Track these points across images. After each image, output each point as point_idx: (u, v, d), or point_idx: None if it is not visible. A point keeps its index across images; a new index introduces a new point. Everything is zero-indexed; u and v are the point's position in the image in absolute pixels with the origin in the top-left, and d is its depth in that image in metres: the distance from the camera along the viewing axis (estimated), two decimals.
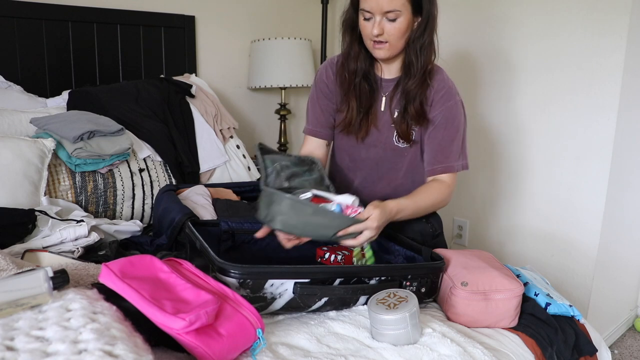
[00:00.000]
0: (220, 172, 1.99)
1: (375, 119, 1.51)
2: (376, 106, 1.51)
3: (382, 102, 1.50)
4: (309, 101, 1.59)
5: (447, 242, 1.68)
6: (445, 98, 1.44)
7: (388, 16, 1.33)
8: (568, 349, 1.12)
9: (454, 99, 1.46)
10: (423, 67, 1.41)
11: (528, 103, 2.13)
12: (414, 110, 1.42)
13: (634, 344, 2.25)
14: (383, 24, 1.35)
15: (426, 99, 1.43)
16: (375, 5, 1.33)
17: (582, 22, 1.92)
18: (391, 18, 1.34)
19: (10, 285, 0.77)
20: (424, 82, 1.43)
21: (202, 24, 2.40)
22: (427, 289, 1.12)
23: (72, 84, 2.06)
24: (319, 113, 1.56)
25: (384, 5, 1.32)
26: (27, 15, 1.92)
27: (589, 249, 2.01)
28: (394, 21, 1.34)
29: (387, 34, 1.36)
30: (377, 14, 1.34)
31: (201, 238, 1.07)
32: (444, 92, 1.45)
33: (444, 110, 1.43)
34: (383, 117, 1.50)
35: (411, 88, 1.42)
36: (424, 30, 1.38)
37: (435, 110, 1.43)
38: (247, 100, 2.63)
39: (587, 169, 1.97)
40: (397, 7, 1.32)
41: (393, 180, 1.56)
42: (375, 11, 1.33)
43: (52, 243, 1.26)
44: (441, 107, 1.43)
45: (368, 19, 1.36)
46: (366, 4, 1.34)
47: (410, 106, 1.43)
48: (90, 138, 1.56)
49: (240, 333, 0.83)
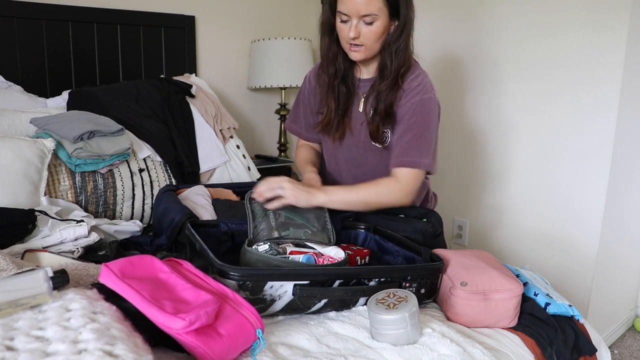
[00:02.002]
0: (220, 172, 1.99)
1: (350, 121, 1.52)
2: (353, 107, 1.52)
3: (360, 102, 1.51)
4: (295, 105, 1.66)
5: (447, 242, 1.68)
6: (414, 93, 1.42)
7: (365, 20, 1.34)
8: (568, 348, 1.12)
9: (421, 96, 1.42)
10: (396, 70, 1.41)
11: (528, 103, 2.13)
12: (383, 110, 1.43)
13: (634, 344, 2.25)
14: (360, 27, 1.35)
15: (396, 98, 1.43)
16: (352, 9, 1.32)
17: (582, 21, 1.92)
18: (368, 22, 1.34)
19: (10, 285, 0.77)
20: (396, 83, 1.43)
21: (202, 24, 2.40)
22: (426, 290, 1.12)
23: (72, 84, 2.06)
24: (301, 118, 1.62)
25: (361, 9, 1.32)
26: (27, 15, 1.92)
27: (588, 249, 2.01)
28: (371, 25, 1.34)
29: (363, 37, 1.36)
30: (354, 17, 1.34)
31: (200, 240, 1.07)
32: (414, 87, 1.43)
33: (408, 105, 1.41)
34: (360, 117, 1.51)
35: (382, 89, 1.43)
36: (400, 34, 1.38)
37: (403, 106, 1.42)
38: (247, 100, 2.63)
39: (587, 168, 1.97)
40: (374, 11, 1.32)
41: None
42: (352, 14, 1.33)
43: (52, 243, 1.26)
44: (408, 102, 1.42)
45: (345, 21, 1.37)
46: (343, 7, 1.34)
47: (380, 106, 1.44)
48: (90, 138, 1.56)
49: (240, 333, 0.83)
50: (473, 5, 2.26)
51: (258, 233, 1.21)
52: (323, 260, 1.14)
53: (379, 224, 1.41)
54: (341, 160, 1.60)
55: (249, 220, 1.22)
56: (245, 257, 1.11)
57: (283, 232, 1.23)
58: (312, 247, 1.23)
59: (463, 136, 2.37)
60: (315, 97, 1.59)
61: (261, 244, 1.13)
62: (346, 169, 1.60)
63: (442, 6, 2.35)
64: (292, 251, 1.18)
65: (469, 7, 2.27)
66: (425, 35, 2.31)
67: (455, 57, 2.34)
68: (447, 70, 2.35)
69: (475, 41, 2.26)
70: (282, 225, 1.24)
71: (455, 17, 2.32)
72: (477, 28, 2.25)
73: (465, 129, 2.35)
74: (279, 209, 1.26)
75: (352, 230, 1.41)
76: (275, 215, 1.25)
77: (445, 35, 2.36)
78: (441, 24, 2.36)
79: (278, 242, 1.21)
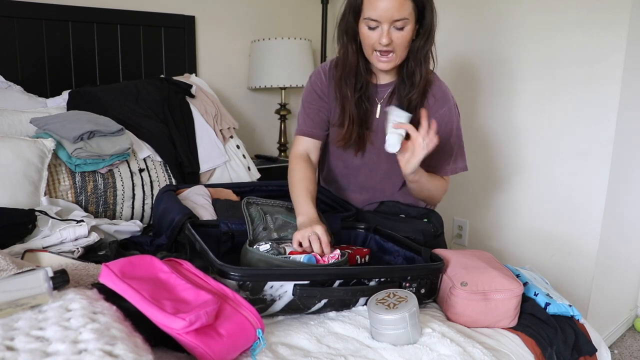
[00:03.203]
0: (220, 172, 1.99)
1: (370, 132, 1.49)
2: (372, 117, 1.50)
3: (377, 109, 1.49)
4: (304, 103, 1.57)
5: (447, 242, 1.69)
6: (439, 104, 1.44)
7: (396, 25, 1.29)
8: (568, 348, 1.12)
9: (447, 105, 1.45)
10: (425, 76, 1.39)
11: (528, 103, 2.13)
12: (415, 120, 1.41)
13: (634, 344, 2.25)
14: (391, 32, 1.30)
15: (424, 105, 1.43)
16: (384, 14, 1.27)
17: (582, 21, 1.92)
18: (399, 27, 1.29)
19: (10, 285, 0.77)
20: (425, 91, 1.42)
21: (202, 24, 2.40)
22: (426, 290, 1.12)
23: (72, 84, 2.06)
24: (314, 115, 1.53)
25: (393, 14, 1.27)
26: (27, 15, 1.92)
27: (589, 248, 2.01)
28: (402, 30, 1.30)
29: (395, 44, 1.31)
30: (385, 23, 1.29)
31: (200, 240, 1.07)
32: (438, 97, 1.44)
33: (438, 117, 1.42)
34: (377, 123, 1.49)
35: (413, 98, 1.40)
36: (427, 39, 1.35)
37: (430, 117, 1.43)
38: (247, 100, 2.63)
39: (587, 168, 1.97)
40: (406, 15, 1.28)
41: (388, 187, 1.57)
42: (383, 20, 1.28)
43: (52, 243, 1.26)
44: (434, 115, 1.43)
45: (373, 27, 1.31)
46: (373, 13, 1.28)
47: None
48: (90, 138, 1.56)
49: (240, 333, 0.83)
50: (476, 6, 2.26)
51: (257, 234, 1.21)
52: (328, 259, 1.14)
53: (379, 224, 1.41)
54: (351, 165, 1.57)
55: (248, 224, 1.22)
56: (247, 257, 1.11)
57: (282, 233, 1.23)
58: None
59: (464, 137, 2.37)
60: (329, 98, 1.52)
61: (262, 244, 1.13)
62: (355, 173, 1.58)
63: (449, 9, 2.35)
64: (292, 251, 1.18)
65: (471, 8, 2.27)
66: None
67: (456, 57, 2.34)
68: (447, 70, 2.34)
69: (475, 41, 2.26)
70: (281, 227, 1.24)
71: (456, 17, 2.32)
72: (477, 28, 2.25)
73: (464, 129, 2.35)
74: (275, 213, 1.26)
75: (352, 230, 1.41)
76: (273, 219, 1.25)
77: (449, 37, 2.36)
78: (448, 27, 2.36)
79: (278, 242, 1.21)
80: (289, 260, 1.11)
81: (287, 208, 1.32)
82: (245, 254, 1.12)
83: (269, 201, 1.30)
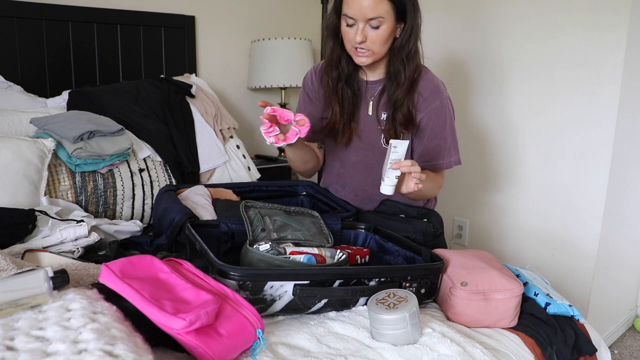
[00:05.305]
0: (220, 172, 1.99)
1: (358, 125, 1.50)
2: (361, 111, 1.50)
3: (370, 105, 1.50)
4: (299, 105, 1.60)
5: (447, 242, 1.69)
6: (430, 99, 1.44)
7: (371, 23, 1.31)
8: (568, 348, 1.12)
9: (439, 98, 1.45)
10: (410, 76, 1.40)
11: (528, 103, 2.13)
12: (402, 117, 1.42)
13: (634, 344, 2.25)
14: (366, 30, 1.32)
15: (413, 103, 1.43)
16: (359, 12, 1.30)
17: (582, 21, 1.92)
18: (374, 25, 1.31)
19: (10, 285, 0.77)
20: (411, 89, 1.42)
21: (202, 24, 2.40)
22: (426, 290, 1.12)
23: (72, 84, 2.06)
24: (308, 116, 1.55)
25: (367, 12, 1.29)
26: (27, 15, 1.92)
27: (588, 248, 2.01)
28: (377, 28, 1.32)
29: (370, 42, 1.34)
30: (360, 21, 1.31)
31: (200, 240, 1.07)
32: (429, 93, 1.44)
33: (430, 112, 1.43)
34: (369, 120, 1.49)
35: (399, 97, 1.41)
36: (409, 38, 1.36)
37: (422, 113, 1.43)
38: (247, 100, 2.63)
39: (587, 168, 1.97)
40: (381, 14, 1.30)
41: None
42: (358, 18, 1.31)
43: (52, 243, 1.26)
44: (427, 109, 1.43)
45: (351, 25, 1.34)
46: (349, 10, 1.31)
47: (398, 114, 1.42)
48: (90, 138, 1.56)
49: (240, 333, 0.83)
50: (475, 6, 2.26)
51: (257, 235, 1.22)
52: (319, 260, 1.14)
53: (379, 224, 1.41)
54: (347, 164, 1.58)
55: (247, 226, 1.22)
56: (247, 257, 1.11)
57: (281, 233, 1.24)
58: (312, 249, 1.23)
59: (463, 136, 2.36)
60: (318, 99, 1.56)
61: (262, 244, 1.14)
62: (352, 172, 1.59)
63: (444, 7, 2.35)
64: (292, 251, 1.18)
65: (471, 8, 2.27)
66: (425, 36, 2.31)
67: (456, 57, 2.34)
68: (448, 70, 2.34)
69: (475, 41, 2.26)
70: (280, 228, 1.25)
71: (457, 18, 2.32)
72: (478, 28, 2.25)
73: (464, 129, 2.35)
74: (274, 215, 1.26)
75: (352, 230, 1.41)
76: (272, 220, 1.25)
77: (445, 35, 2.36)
78: (443, 25, 2.36)
79: (278, 242, 1.21)
80: (289, 260, 1.11)
81: (285, 211, 1.32)
82: (246, 253, 1.12)
83: (267, 204, 1.31)
